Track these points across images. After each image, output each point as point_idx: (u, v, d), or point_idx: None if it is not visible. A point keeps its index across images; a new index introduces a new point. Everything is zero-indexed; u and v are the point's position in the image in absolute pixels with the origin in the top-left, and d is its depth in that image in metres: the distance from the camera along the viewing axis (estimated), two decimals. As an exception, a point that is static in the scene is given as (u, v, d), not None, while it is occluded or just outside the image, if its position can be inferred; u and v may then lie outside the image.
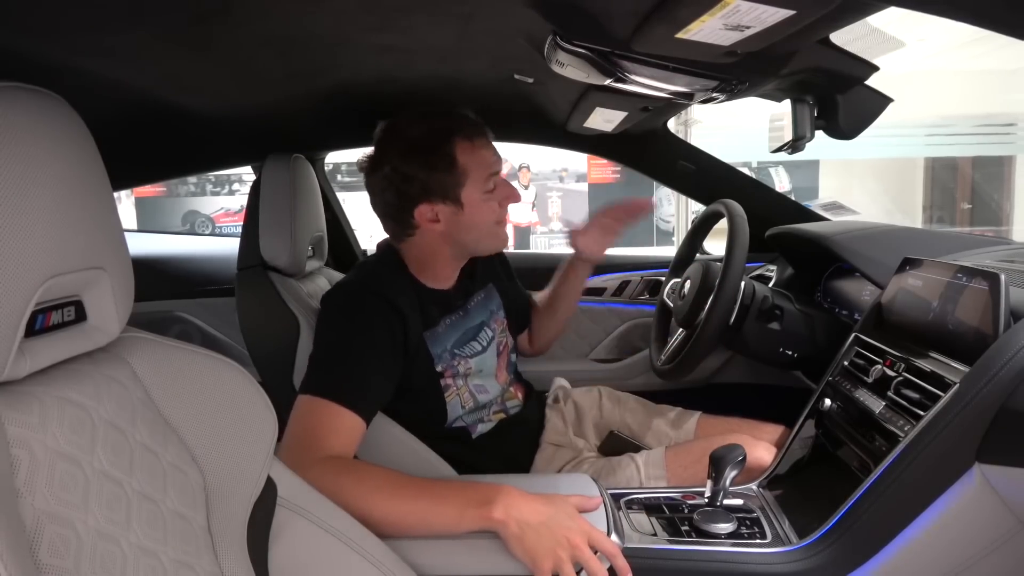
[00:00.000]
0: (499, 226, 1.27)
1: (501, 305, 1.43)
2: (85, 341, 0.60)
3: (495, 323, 1.38)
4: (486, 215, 1.24)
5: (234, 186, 8.53)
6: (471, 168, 1.20)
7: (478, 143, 1.21)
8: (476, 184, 1.21)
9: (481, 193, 1.21)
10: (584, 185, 8.76)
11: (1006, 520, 0.92)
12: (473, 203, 1.21)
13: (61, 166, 0.55)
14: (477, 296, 1.37)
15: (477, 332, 1.32)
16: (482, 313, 1.35)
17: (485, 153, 1.22)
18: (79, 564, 0.52)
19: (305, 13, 0.95)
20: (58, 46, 0.98)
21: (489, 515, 0.89)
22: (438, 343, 1.23)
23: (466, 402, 1.26)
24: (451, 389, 1.24)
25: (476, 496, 0.92)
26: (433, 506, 0.92)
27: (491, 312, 1.38)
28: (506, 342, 1.40)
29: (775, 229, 1.78)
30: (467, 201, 1.21)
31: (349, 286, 1.22)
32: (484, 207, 1.23)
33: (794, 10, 0.72)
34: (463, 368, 1.26)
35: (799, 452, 1.25)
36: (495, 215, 1.25)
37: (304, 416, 1.03)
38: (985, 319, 0.99)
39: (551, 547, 0.87)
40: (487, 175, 1.22)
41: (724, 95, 1.16)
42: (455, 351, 1.25)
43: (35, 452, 0.53)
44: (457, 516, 0.91)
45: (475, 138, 1.21)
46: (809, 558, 0.99)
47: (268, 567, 0.74)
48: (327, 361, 1.11)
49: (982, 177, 7.90)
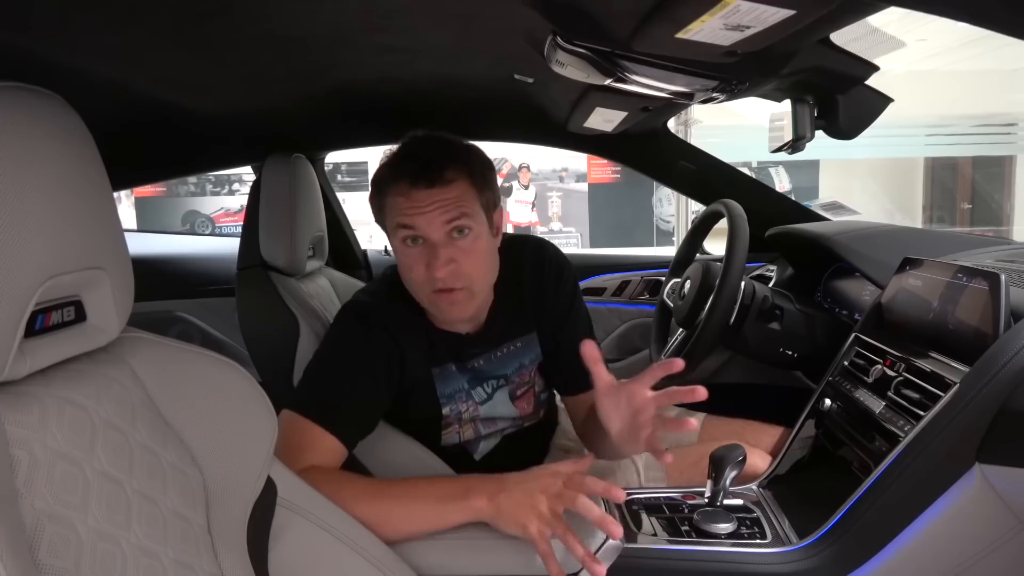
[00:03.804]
0: (436, 296, 1.06)
1: (539, 357, 1.24)
2: (85, 341, 0.60)
3: (519, 376, 1.22)
4: (407, 270, 1.08)
5: (234, 186, 8.54)
6: (387, 209, 1.08)
7: (398, 188, 1.04)
8: (391, 229, 1.08)
9: (398, 242, 1.07)
10: (584, 185, 8.77)
11: (1006, 520, 0.92)
12: (395, 248, 1.09)
13: (61, 166, 0.55)
14: (510, 345, 1.20)
15: (489, 379, 1.20)
16: (508, 366, 1.20)
17: (397, 200, 1.05)
18: (79, 564, 0.52)
19: (305, 13, 0.95)
20: (58, 46, 0.98)
21: (470, 504, 0.89)
22: (449, 383, 1.16)
23: (467, 437, 1.21)
24: (452, 427, 1.19)
25: (455, 489, 0.91)
26: (415, 506, 0.92)
27: (520, 366, 1.22)
28: (529, 388, 1.24)
29: (775, 229, 1.78)
30: (392, 244, 1.10)
31: (361, 308, 1.14)
32: (403, 259, 1.08)
33: (794, 10, 0.72)
34: (469, 414, 1.19)
35: (799, 452, 1.25)
36: (419, 275, 1.05)
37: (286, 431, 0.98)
38: (985, 319, 0.99)
39: (530, 504, 0.86)
40: (395, 224, 1.06)
41: (724, 95, 1.16)
42: (471, 391, 1.18)
43: (35, 452, 0.53)
44: (440, 511, 0.91)
45: (398, 180, 1.04)
46: (809, 558, 0.98)
47: (268, 567, 0.74)
48: (318, 381, 1.08)
49: (982, 177, 7.90)
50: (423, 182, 1.03)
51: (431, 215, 1.03)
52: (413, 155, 1.06)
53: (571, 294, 1.23)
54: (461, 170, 1.05)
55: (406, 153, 1.08)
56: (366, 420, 1.08)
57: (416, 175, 1.03)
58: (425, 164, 1.03)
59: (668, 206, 8.28)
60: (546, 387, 1.29)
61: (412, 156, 1.06)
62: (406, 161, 1.06)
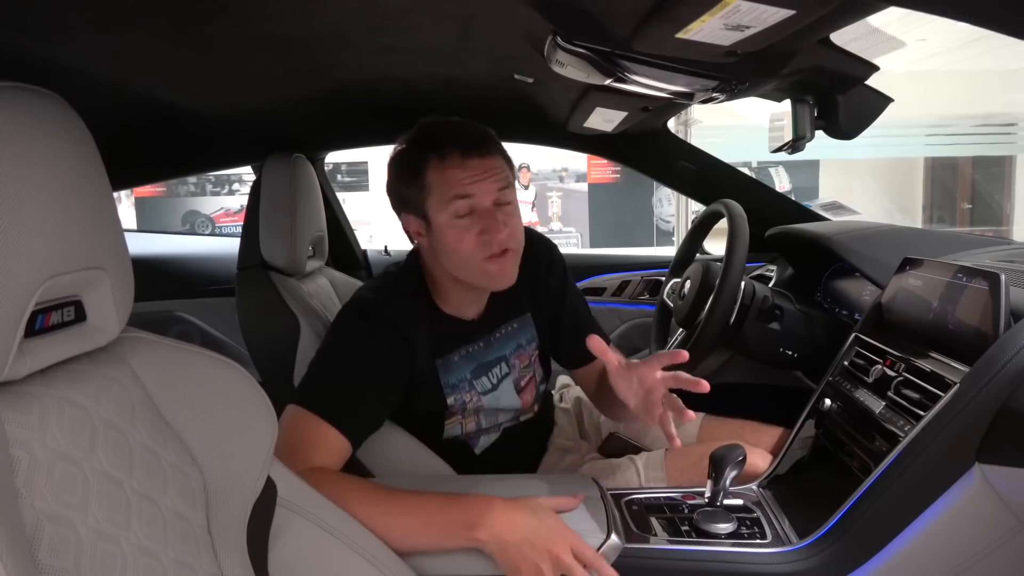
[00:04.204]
0: (488, 262, 1.09)
1: (535, 338, 1.30)
2: (85, 341, 0.60)
3: (517, 358, 1.27)
4: (456, 242, 1.09)
5: (234, 186, 8.54)
6: (435, 185, 1.09)
7: (449, 161, 1.07)
8: (441, 204, 1.09)
9: (448, 216, 1.08)
10: (584, 185, 8.77)
11: (1006, 520, 0.92)
12: (440, 225, 1.10)
13: (61, 166, 0.55)
14: (507, 326, 1.26)
15: (492, 367, 1.23)
16: (506, 346, 1.25)
17: (454, 172, 1.07)
18: (79, 564, 0.52)
19: (305, 13, 0.95)
20: (58, 46, 0.98)
21: (472, 535, 0.89)
22: (452, 372, 1.18)
23: (469, 430, 1.23)
24: (455, 418, 1.20)
25: (461, 516, 0.91)
26: (417, 523, 0.92)
27: (518, 346, 1.27)
28: (531, 376, 1.29)
29: (775, 229, 1.78)
30: (434, 220, 1.10)
31: (365, 304, 1.16)
32: (452, 232, 1.09)
33: (794, 10, 0.72)
34: (473, 405, 1.20)
35: (799, 452, 1.25)
36: (470, 245, 1.08)
37: (291, 427, 1.00)
38: (985, 319, 0.99)
39: (533, 562, 0.87)
40: (451, 196, 1.07)
41: (724, 95, 1.16)
42: (473, 382, 1.20)
43: (35, 452, 0.53)
44: (440, 535, 0.91)
45: (448, 154, 1.08)
46: (809, 558, 0.98)
47: (268, 567, 0.74)
48: (323, 376, 1.09)
49: (982, 177, 7.91)
50: (475, 152, 1.08)
51: (486, 183, 1.08)
52: (455, 131, 1.11)
53: (562, 275, 1.32)
54: (496, 144, 1.13)
55: (444, 130, 1.12)
56: (372, 418, 1.09)
57: (468, 147, 1.08)
58: (471, 137, 1.10)
59: (668, 206, 8.29)
60: (545, 378, 1.34)
61: (454, 131, 1.11)
62: (450, 135, 1.10)
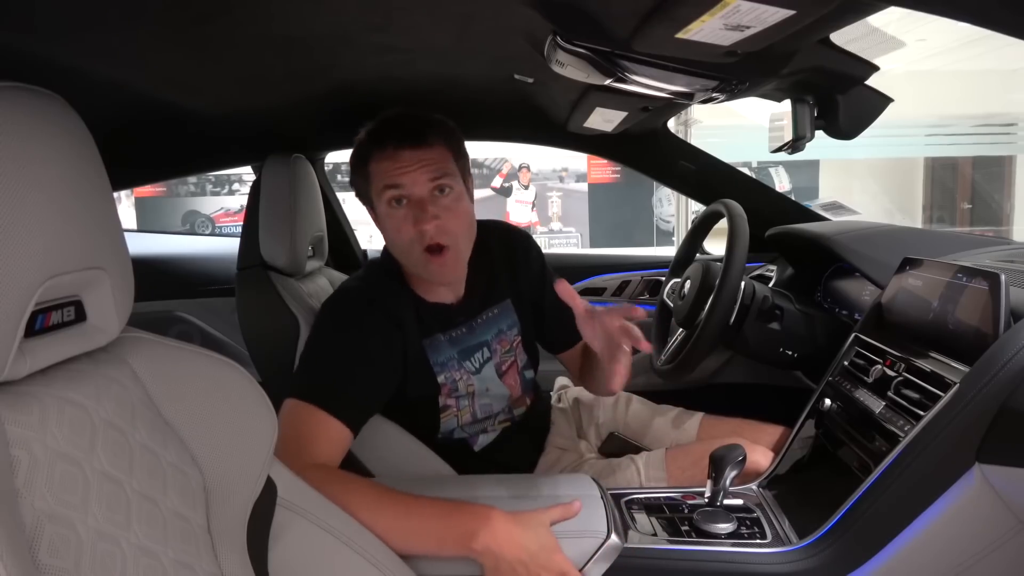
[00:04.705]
0: (426, 256, 1.12)
1: (516, 323, 1.33)
2: (85, 341, 0.60)
3: (499, 343, 1.29)
4: (395, 232, 1.13)
5: (234, 186, 8.53)
6: (373, 175, 1.14)
7: (385, 152, 1.12)
8: (377, 193, 1.13)
9: (384, 206, 1.13)
10: (584, 185, 8.77)
11: (1006, 520, 0.92)
12: (381, 215, 1.15)
13: (61, 166, 0.55)
14: (488, 312, 1.29)
15: (475, 351, 1.26)
16: (488, 332, 1.28)
17: (386, 163, 1.11)
18: (79, 564, 0.52)
19: (305, 13, 0.95)
20: (58, 46, 0.98)
21: (469, 546, 0.89)
22: (440, 351, 1.20)
23: (464, 421, 1.23)
24: (449, 409, 1.21)
25: (460, 526, 0.91)
26: (416, 528, 0.92)
27: (499, 331, 1.29)
28: (512, 361, 1.31)
29: (775, 229, 1.78)
30: (377, 210, 1.16)
31: (350, 292, 1.20)
32: (390, 222, 1.13)
33: (794, 10, 0.72)
34: (464, 386, 1.22)
35: (799, 452, 1.25)
36: (407, 235, 1.11)
37: (290, 420, 1.00)
38: (985, 319, 0.99)
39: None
40: (382, 186, 1.12)
41: (724, 95, 1.16)
42: (462, 361, 1.22)
43: (35, 452, 0.53)
44: (438, 542, 0.91)
45: (385, 145, 1.12)
46: (809, 558, 0.98)
47: (268, 567, 0.74)
48: (317, 367, 1.10)
49: (982, 177, 7.91)
50: (407, 143, 1.11)
51: (416, 174, 1.11)
52: (394, 123, 1.14)
53: (540, 263, 1.37)
54: (439, 135, 1.14)
55: (386, 123, 1.15)
56: (369, 404, 1.10)
57: (400, 138, 1.11)
58: (408, 129, 1.12)
59: (668, 206, 8.29)
60: (530, 364, 1.36)
61: (393, 123, 1.14)
62: (388, 127, 1.14)
